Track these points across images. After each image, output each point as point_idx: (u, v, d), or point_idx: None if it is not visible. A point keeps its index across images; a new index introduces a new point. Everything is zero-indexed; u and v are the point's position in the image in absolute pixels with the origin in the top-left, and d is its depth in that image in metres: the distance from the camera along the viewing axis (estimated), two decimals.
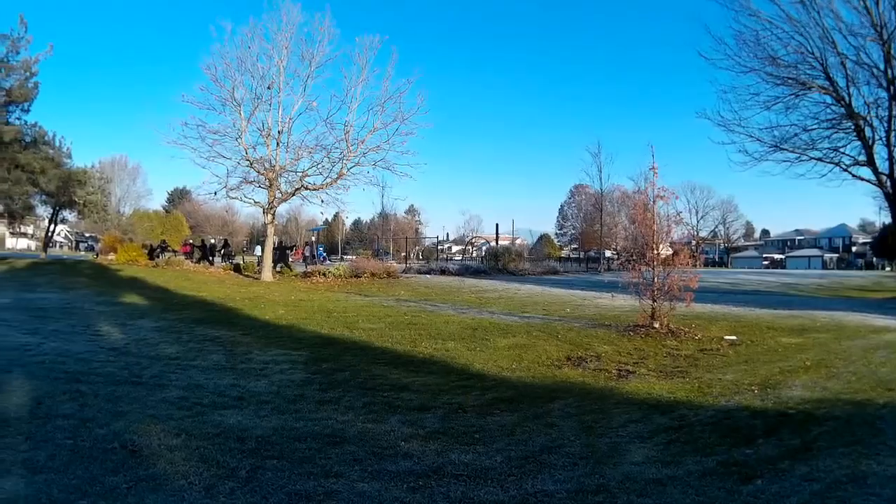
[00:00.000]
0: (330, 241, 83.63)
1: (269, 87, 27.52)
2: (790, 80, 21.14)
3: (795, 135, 21.72)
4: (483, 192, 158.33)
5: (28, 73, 31.17)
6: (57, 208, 39.56)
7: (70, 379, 7.77)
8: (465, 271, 33.46)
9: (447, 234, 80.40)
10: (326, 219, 73.55)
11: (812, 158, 21.81)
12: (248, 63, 27.53)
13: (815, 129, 21.57)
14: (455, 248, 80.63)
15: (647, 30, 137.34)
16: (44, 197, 35.81)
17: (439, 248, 61.46)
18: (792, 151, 21.94)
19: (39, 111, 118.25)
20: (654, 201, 12.22)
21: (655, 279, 11.77)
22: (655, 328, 11.53)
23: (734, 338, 10.95)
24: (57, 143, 35.24)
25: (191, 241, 49.82)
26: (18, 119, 32.36)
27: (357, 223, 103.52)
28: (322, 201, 29.39)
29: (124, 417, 6.19)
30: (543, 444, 5.48)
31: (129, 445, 5.30)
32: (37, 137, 33.08)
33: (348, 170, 28.01)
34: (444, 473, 4.74)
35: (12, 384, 7.34)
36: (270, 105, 27.97)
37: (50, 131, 34.49)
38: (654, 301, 11.77)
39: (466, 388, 7.73)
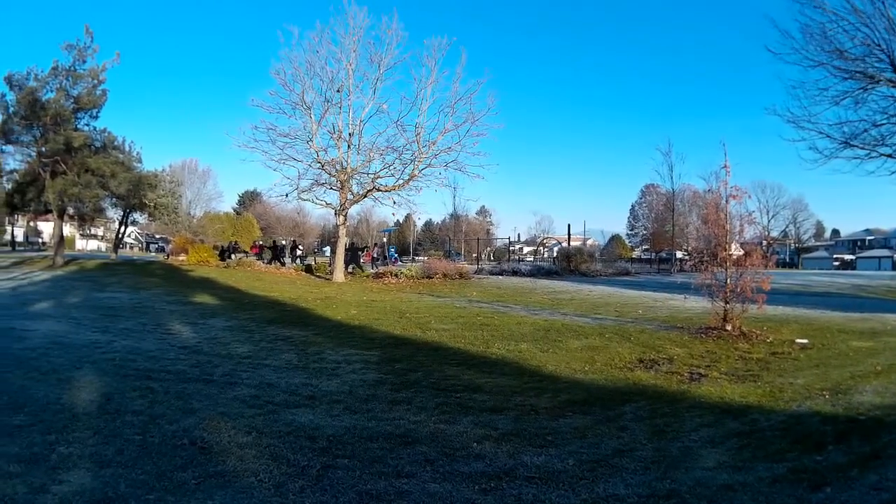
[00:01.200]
0: (401, 242, 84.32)
1: (338, 91, 28.02)
2: (858, 74, 20.01)
3: (865, 130, 20.55)
4: (554, 193, 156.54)
5: (96, 81, 32.55)
6: (127, 210, 41.33)
7: (140, 376, 8.01)
8: (537, 272, 33.31)
9: (518, 235, 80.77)
10: (398, 220, 74.71)
11: (882, 155, 20.68)
12: (317, 67, 28.14)
13: (884, 124, 20.33)
14: (526, 249, 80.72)
15: (715, 25, 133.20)
16: (114, 200, 37.42)
17: (511, 248, 61.53)
18: (862, 148, 20.75)
19: (110, 117, 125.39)
20: (726, 200, 12.02)
21: (728, 280, 11.59)
22: (727, 331, 11.34)
23: (805, 341, 10.64)
24: (127, 148, 36.75)
25: (260, 242, 51.25)
26: (87, 125, 34.01)
27: (428, 224, 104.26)
28: (394, 203, 29.58)
29: (195, 414, 6.34)
30: (615, 447, 5.52)
31: (199, 442, 5.40)
32: (106, 143, 34.61)
33: (420, 171, 28.34)
34: (515, 475, 4.79)
35: (81, 381, 7.59)
36: (340, 108, 28.54)
37: (119, 136, 36.09)
38: (726, 303, 11.59)
39: (539, 389, 7.77)
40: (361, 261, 34.69)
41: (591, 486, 4.56)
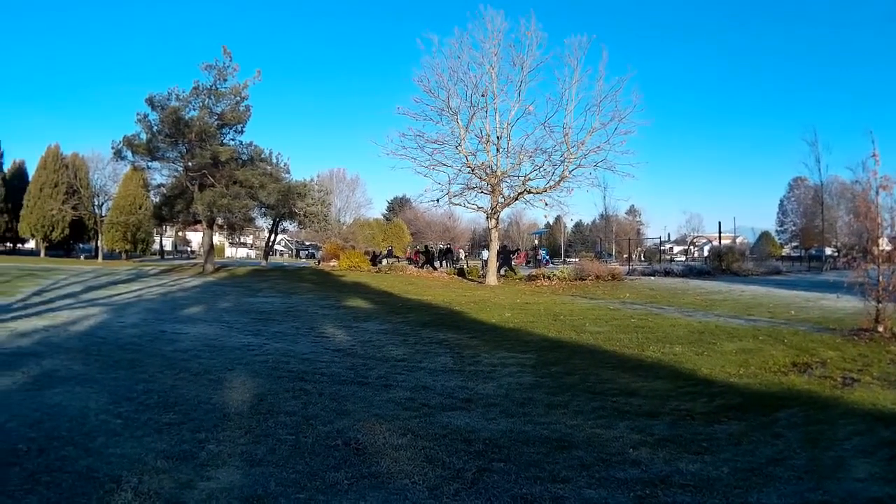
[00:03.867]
0: (552, 244, 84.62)
1: (482, 95, 28.63)
2: None
3: None
4: (703, 189, 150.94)
5: (238, 98, 35.21)
6: (277, 219, 43.93)
7: (294, 378, 8.33)
8: (689, 272, 32.89)
9: (668, 235, 79.10)
10: (548, 222, 75.31)
11: None
12: (460, 72, 28.96)
13: None
14: (676, 249, 79.94)
15: (853, 5, 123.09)
16: (264, 209, 39.94)
17: (661, 248, 60.59)
18: None
19: (257, 131, 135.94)
20: (876, 192, 11.43)
21: (880, 278, 11.00)
22: (879, 332, 10.71)
23: None
24: (274, 160, 39.52)
25: (417, 247, 52.95)
26: (233, 140, 37.02)
27: (578, 225, 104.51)
28: (546, 204, 29.99)
29: (349, 416, 6.50)
30: (769, 455, 5.50)
31: (353, 443, 5.51)
32: (253, 155, 37.41)
33: (570, 172, 28.46)
34: (670, 483, 4.81)
35: (233, 382, 7.97)
36: (487, 112, 29.21)
37: (266, 149, 38.97)
38: (878, 302, 10.97)
39: (694, 394, 7.70)
40: (513, 263, 34.90)
41: (745, 496, 4.55)
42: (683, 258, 61.93)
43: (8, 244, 65.06)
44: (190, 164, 33.92)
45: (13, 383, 7.41)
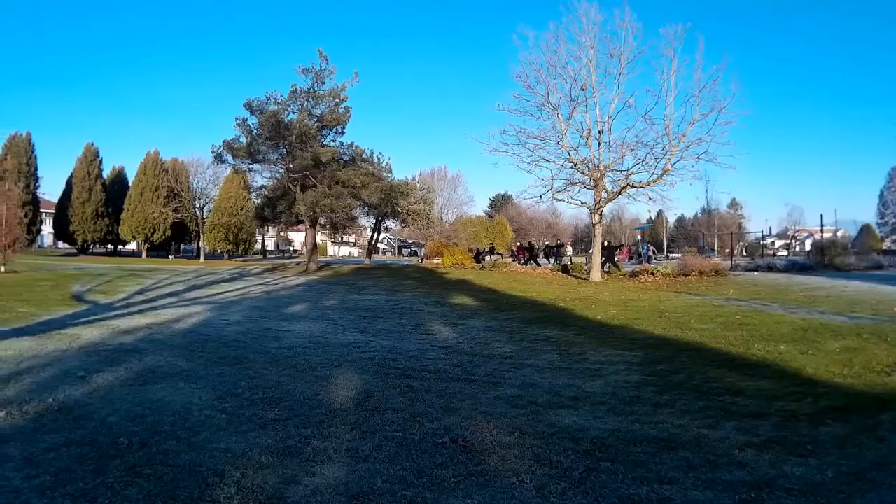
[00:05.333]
0: (654, 239, 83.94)
1: (581, 89, 28.64)
2: None
3: None
4: (804, 180, 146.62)
5: (337, 100, 36.20)
6: (380, 218, 44.90)
7: (400, 375, 8.43)
8: (792, 267, 32.12)
9: (770, 228, 77.20)
10: (650, 217, 74.45)
11: None
12: (558, 67, 29.09)
13: None
14: (778, 243, 77.61)
15: None
16: (366, 208, 40.88)
17: (763, 243, 58.95)
18: None
19: (358, 132, 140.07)
20: None
21: None
22: None
23: None
24: (376, 160, 40.60)
25: (520, 243, 53.27)
26: (333, 141, 38.09)
27: (681, 220, 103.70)
28: (650, 198, 29.77)
29: (456, 413, 6.53)
30: (873, 459, 5.35)
31: (460, 441, 5.54)
32: (354, 156, 38.46)
33: (672, 165, 27.99)
34: (775, 486, 4.74)
35: (339, 378, 8.12)
36: (587, 106, 29.21)
37: (367, 149, 39.96)
38: None
39: (799, 394, 7.50)
40: (616, 259, 34.60)
41: (848, 501, 4.48)
42: (785, 252, 60.31)
43: (109, 246, 69.66)
44: (291, 165, 35.24)
45: (115, 379, 7.73)
